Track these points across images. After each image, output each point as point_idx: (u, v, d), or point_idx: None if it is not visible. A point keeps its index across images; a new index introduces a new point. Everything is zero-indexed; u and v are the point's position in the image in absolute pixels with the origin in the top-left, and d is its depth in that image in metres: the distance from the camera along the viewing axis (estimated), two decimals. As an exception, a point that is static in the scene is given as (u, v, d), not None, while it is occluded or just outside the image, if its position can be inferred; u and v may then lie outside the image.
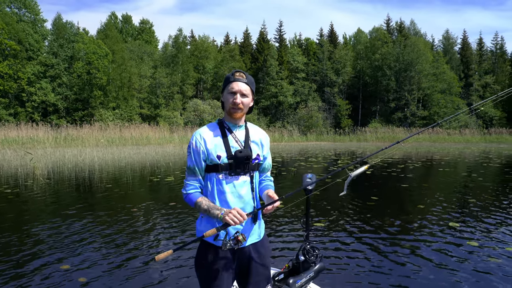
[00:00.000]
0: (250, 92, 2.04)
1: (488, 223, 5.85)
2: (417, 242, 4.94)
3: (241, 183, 2.00)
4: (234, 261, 2.01)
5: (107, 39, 37.91)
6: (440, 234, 5.26)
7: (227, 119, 2.08)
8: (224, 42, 55.20)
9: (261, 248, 2.09)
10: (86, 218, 6.22)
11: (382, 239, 5.09)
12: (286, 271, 3.01)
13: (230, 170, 1.97)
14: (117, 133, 28.05)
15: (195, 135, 2.02)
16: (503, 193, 8.70)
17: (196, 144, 1.99)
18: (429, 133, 40.05)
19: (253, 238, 2.06)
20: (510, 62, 51.98)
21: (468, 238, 5.08)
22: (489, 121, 47.11)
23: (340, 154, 22.29)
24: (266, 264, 2.10)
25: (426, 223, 5.87)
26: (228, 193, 1.97)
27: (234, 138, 2.02)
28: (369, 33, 52.18)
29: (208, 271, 1.97)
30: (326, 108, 46.27)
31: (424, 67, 43.49)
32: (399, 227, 5.67)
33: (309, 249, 3.07)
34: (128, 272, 3.96)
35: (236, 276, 2.07)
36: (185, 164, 15.23)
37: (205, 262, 1.97)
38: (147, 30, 52.58)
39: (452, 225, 5.68)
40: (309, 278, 2.97)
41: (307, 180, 3.18)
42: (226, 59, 43.67)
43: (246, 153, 1.97)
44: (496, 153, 23.24)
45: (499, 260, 4.20)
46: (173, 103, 40.11)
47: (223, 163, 1.96)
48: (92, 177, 11.14)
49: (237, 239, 1.85)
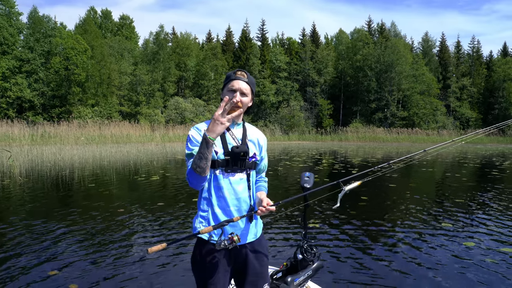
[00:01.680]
0: (250, 91, 2.03)
1: (477, 220, 5.98)
2: (413, 240, 4.97)
3: (237, 180, 1.98)
4: (231, 259, 2.00)
5: (86, 34, 37.01)
6: (434, 233, 5.32)
7: None
8: (206, 40, 54.89)
9: (258, 247, 2.07)
10: (71, 219, 5.98)
11: (378, 237, 5.11)
12: (284, 269, 3.01)
13: (227, 167, 1.96)
14: (96, 131, 27.47)
15: (193, 128, 2.02)
16: (486, 190, 8.93)
17: (194, 136, 1.98)
18: (408, 134, 40.95)
19: (250, 237, 2.04)
20: (486, 65, 53.69)
21: (464, 237, 5.17)
22: (466, 122, 48.55)
23: (323, 153, 22.49)
24: (263, 263, 2.08)
25: (418, 221, 5.95)
26: (224, 189, 1.95)
27: (231, 136, 2.02)
28: (350, 34, 52.92)
29: (205, 269, 1.95)
30: (308, 108, 46.64)
31: (404, 69, 44.42)
32: (393, 226, 5.71)
33: (307, 248, 3.10)
34: (120, 275, 3.82)
35: (233, 275, 2.06)
36: (170, 162, 15.25)
37: (202, 260, 1.96)
38: (127, 26, 51.71)
39: (444, 225, 5.75)
40: (307, 276, 2.98)
41: (305, 178, 3.16)
42: (208, 57, 43.41)
43: (242, 149, 1.96)
44: (474, 153, 23.94)
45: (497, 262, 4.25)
46: (154, 100, 39.61)
47: (219, 159, 1.95)
48: (74, 177, 10.78)
49: (232, 240, 1.83)
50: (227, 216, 1.94)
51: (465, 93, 50.42)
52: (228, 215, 1.94)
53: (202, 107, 39.14)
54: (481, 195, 8.36)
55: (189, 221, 5.93)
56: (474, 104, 50.77)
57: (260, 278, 2.06)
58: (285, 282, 2.84)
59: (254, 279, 2.03)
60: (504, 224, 5.77)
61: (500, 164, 16.43)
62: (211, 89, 43.17)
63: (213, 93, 43.14)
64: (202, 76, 43.32)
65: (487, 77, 51.95)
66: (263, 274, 2.08)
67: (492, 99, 48.91)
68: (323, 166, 14.73)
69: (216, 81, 43.32)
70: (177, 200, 7.57)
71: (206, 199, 1.98)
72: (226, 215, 1.95)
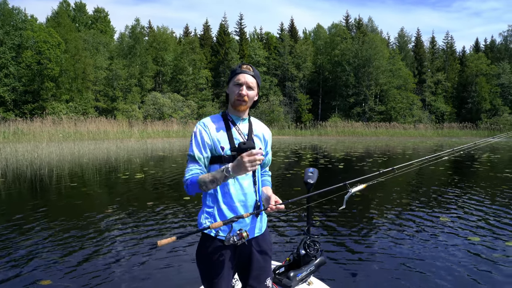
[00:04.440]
0: (256, 85, 2.04)
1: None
2: (417, 236, 4.99)
3: (243, 176, 1.97)
4: (236, 254, 2.01)
5: (59, 27, 35.78)
6: (435, 226, 5.39)
7: (231, 111, 2.07)
8: (184, 34, 54.19)
9: (263, 242, 2.09)
10: (58, 221, 5.70)
11: (380, 233, 5.11)
12: (286, 264, 3.04)
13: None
14: (72, 127, 26.69)
15: (199, 124, 2.00)
16: (472, 183, 9.20)
17: (201, 133, 1.97)
18: (386, 128, 41.75)
19: (256, 232, 2.06)
20: (459, 61, 55.29)
21: (468, 233, 5.25)
22: (441, 116, 49.91)
23: (305, 148, 22.64)
24: (267, 258, 2.11)
25: (417, 215, 6.02)
26: (230, 185, 1.95)
27: (237, 131, 2.02)
28: (328, 29, 53.29)
29: (209, 264, 1.97)
30: (287, 103, 46.79)
31: (381, 63, 45.17)
32: (394, 221, 5.72)
33: (310, 243, 3.13)
34: (119, 275, 3.69)
35: (237, 269, 2.08)
36: (152, 159, 14.93)
37: (206, 255, 1.97)
38: (102, 19, 50.37)
39: (442, 219, 5.81)
40: (309, 271, 3.01)
41: (308, 173, 3.17)
42: (186, 51, 42.84)
43: (249, 145, 1.94)
44: (450, 146, 24.63)
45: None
46: (131, 96, 38.83)
47: (226, 155, 1.95)
48: (53, 175, 10.35)
49: (241, 236, 1.84)
50: (233, 212, 1.94)
51: (439, 88, 51.79)
52: (234, 211, 1.94)
53: (180, 102, 38.63)
54: (470, 189, 8.59)
55: (183, 220, 5.82)
56: (448, 98, 52.27)
57: (264, 272, 2.08)
58: (287, 277, 2.89)
59: (257, 273, 2.05)
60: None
61: (479, 157, 16.98)
62: (189, 84, 42.65)
63: (191, 88, 42.63)
64: (180, 71, 42.73)
65: (460, 72, 53.49)
66: (267, 269, 2.10)
67: (466, 93, 50.46)
68: (309, 161, 14.81)
69: (195, 76, 42.81)
70: (166, 199, 7.37)
71: (211, 195, 1.97)
72: (232, 211, 1.94)
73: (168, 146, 22.00)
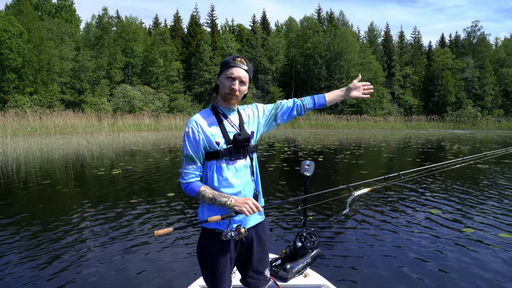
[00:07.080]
0: (248, 80, 2.03)
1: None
2: (410, 225, 5.10)
3: (241, 167, 1.99)
4: (237, 248, 2.03)
5: (20, 16, 33.98)
6: (432, 221, 5.45)
7: (221, 103, 2.05)
8: (154, 25, 52.80)
9: (262, 234, 2.11)
10: (35, 223, 5.35)
11: (378, 227, 5.14)
12: (283, 256, 3.09)
13: (231, 155, 1.97)
14: (37, 121, 25.52)
15: (190, 123, 1.98)
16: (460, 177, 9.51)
17: (193, 132, 1.94)
18: (357, 120, 42.66)
19: (257, 219, 2.08)
20: (426, 55, 57.11)
21: (464, 224, 5.38)
22: (409, 109, 51.49)
23: (280, 141, 22.74)
24: (266, 250, 2.14)
25: (410, 207, 6.15)
26: (229, 178, 1.96)
27: (230, 123, 2.02)
28: (300, 21, 53.54)
29: (210, 257, 2.00)
30: (261, 95, 46.81)
31: (352, 57, 45.91)
32: (393, 213, 5.78)
33: (306, 235, 3.16)
34: (114, 272, 3.53)
35: (237, 261, 2.10)
36: (127, 153, 14.48)
37: (207, 248, 2.00)
38: (66, 8, 48.26)
39: (434, 211, 5.90)
40: (306, 264, 3.05)
41: (305, 166, 3.17)
42: (157, 43, 41.83)
43: (245, 135, 1.98)
44: (418, 138, 25.48)
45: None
46: (100, 88, 37.58)
47: (222, 149, 1.95)
48: (23, 173, 9.78)
49: (239, 231, 1.86)
50: None
51: (408, 81, 53.33)
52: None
53: (151, 95, 37.78)
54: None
55: (166, 216, 5.69)
56: (416, 91, 53.96)
57: (262, 263, 2.12)
58: (284, 269, 2.93)
59: (256, 265, 2.09)
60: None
61: (450, 148, 17.62)
62: (160, 76, 41.71)
63: (162, 80, 41.74)
64: (151, 63, 41.69)
65: (427, 66, 55.21)
66: (265, 259, 2.14)
67: (432, 87, 52.22)
68: (288, 154, 14.83)
69: (166, 68, 41.94)
70: (148, 195, 7.12)
71: (211, 187, 1.97)
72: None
73: (142, 140, 21.48)
